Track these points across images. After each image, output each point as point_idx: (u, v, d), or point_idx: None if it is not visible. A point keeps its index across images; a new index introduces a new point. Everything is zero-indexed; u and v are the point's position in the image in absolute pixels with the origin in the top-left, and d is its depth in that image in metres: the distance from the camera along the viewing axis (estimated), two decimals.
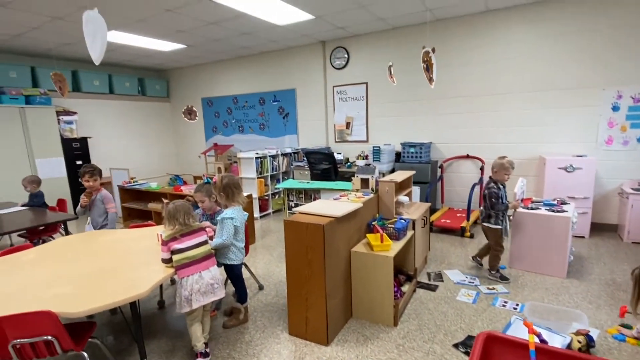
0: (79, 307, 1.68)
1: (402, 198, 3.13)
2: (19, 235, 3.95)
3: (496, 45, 4.63)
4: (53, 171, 5.80)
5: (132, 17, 4.27)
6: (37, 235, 3.90)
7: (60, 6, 3.81)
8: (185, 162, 8.41)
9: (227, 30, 5.02)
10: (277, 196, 6.10)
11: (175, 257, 2.09)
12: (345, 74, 5.85)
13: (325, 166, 4.89)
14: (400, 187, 3.23)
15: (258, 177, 5.53)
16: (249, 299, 2.71)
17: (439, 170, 5.23)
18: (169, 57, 6.71)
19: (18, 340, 1.61)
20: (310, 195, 3.86)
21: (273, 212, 5.92)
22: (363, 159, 5.60)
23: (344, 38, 5.71)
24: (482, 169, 4.85)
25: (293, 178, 6.05)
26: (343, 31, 5.33)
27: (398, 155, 5.29)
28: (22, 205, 4.20)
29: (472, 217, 4.55)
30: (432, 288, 3.07)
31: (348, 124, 5.97)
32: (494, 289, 3.02)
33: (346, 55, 5.78)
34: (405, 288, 2.84)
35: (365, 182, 3.09)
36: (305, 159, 5.86)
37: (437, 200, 5.32)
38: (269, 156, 5.80)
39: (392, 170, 5.14)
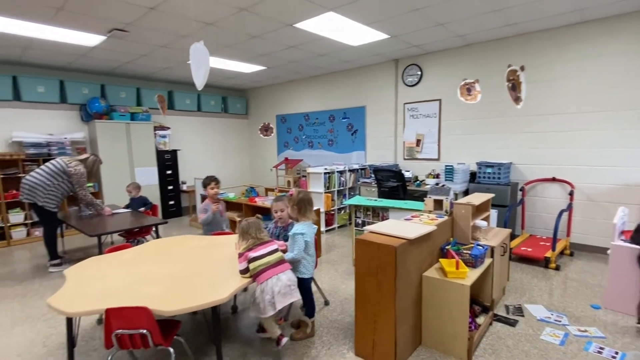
0: (169, 306, 1.87)
1: (480, 222, 2.95)
2: (119, 235, 4.51)
3: (589, 58, 4.20)
4: (148, 179, 6.56)
5: (223, 43, 4.72)
6: (133, 235, 4.42)
7: (165, 36, 4.37)
8: (258, 174, 8.90)
9: (305, 53, 5.29)
10: (342, 211, 6.14)
11: (252, 266, 2.23)
12: (417, 91, 5.76)
13: (393, 184, 4.81)
14: (477, 210, 3.05)
15: (325, 192, 5.64)
16: (315, 313, 2.75)
17: (519, 193, 4.83)
18: (249, 78, 7.25)
19: (120, 330, 1.83)
20: (378, 213, 3.83)
21: (338, 227, 5.97)
22: (433, 177, 5.40)
23: (418, 55, 5.65)
24: (571, 194, 4.37)
25: (359, 194, 6.05)
26: (417, 49, 5.28)
27: (473, 176, 5.01)
28: (124, 207, 4.81)
29: (559, 247, 4.09)
30: (511, 323, 2.81)
31: (418, 142, 5.83)
32: (586, 331, 2.66)
33: (419, 72, 5.69)
34: (481, 320, 2.65)
35: (438, 203, 2.98)
36: (372, 175, 5.85)
37: (516, 226, 4.90)
38: (337, 172, 5.89)
39: (466, 192, 4.88)
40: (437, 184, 5.23)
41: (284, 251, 2.46)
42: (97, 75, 6.40)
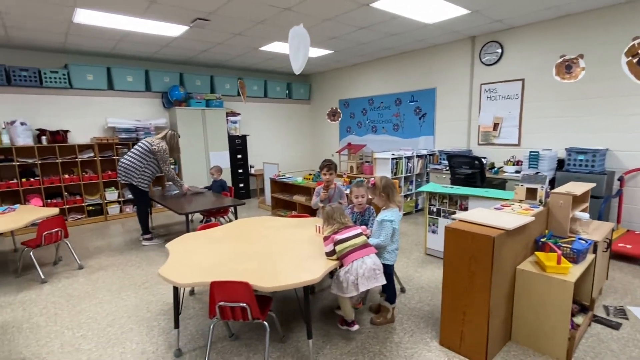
0: (266, 282, 1.97)
1: (581, 214, 2.68)
2: (200, 214, 4.85)
3: None
4: (221, 163, 6.92)
5: None
6: (212, 215, 4.73)
7: (242, 24, 4.51)
8: (320, 159, 8.94)
9: (376, 34, 5.14)
10: (408, 198, 5.99)
11: (338, 248, 2.27)
12: (496, 71, 5.33)
13: (469, 171, 4.56)
14: (575, 200, 2.77)
15: (392, 178, 5.51)
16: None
17: (617, 183, 4.31)
18: (314, 63, 7.25)
19: (222, 302, 1.97)
20: (455, 201, 3.66)
21: (404, 215, 5.84)
22: (513, 164, 5.02)
23: (498, 31, 5.20)
24: None
25: (428, 181, 5.84)
26: (499, 24, 4.86)
27: (560, 163, 4.57)
28: (206, 188, 5.18)
29: None
30: (614, 326, 2.55)
31: (496, 125, 5.43)
32: None
33: (499, 50, 5.25)
34: (579, 320, 2.43)
35: (531, 192, 2.76)
36: (442, 162, 5.60)
37: (610, 219, 4.40)
38: (404, 157, 5.73)
39: (552, 181, 4.46)
40: (517, 171, 4.86)
41: (367, 236, 2.46)
42: (176, 65, 6.83)
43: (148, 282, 3.43)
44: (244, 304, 1.95)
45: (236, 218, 4.35)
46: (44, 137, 5.33)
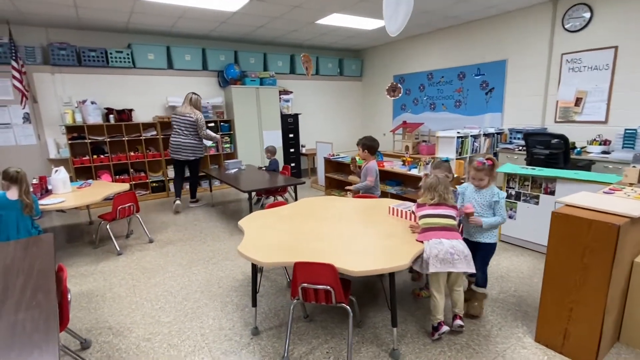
0: (351, 266, 1.84)
1: None
2: (259, 192, 4.87)
3: None
4: (274, 142, 6.90)
5: None
6: (270, 193, 4.71)
7: None
8: None
9: (444, 0, 4.71)
10: None
11: (421, 222, 2.22)
12: (582, 38, 4.70)
13: (551, 151, 4.11)
14: None
15: (457, 158, 5.16)
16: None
17: None
18: (368, 36, 6.89)
19: (306, 284, 1.88)
20: (539, 184, 3.29)
21: None
22: (599, 144, 4.46)
23: None
24: None
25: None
26: None
27: None
28: (260, 168, 5.19)
29: None
30: None
31: (578, 100, 4.85)
32: None
33: (588, 14, 4.61)
34: None
35: None
36: (512, 141, 5.14)
37: None
38: (471, 136, 5.31)
39: None
40: (604, 152, 4.32)
41: (471, 214, 2.29)
42: (231, 43, 6.79)
43: (215, 258, 3.48)
44: (329, 287, 1.85)
45: (296, 197, 4.30)
46: (111, 116, 5.57)
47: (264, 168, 5.39)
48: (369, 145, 3.57)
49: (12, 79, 4.68)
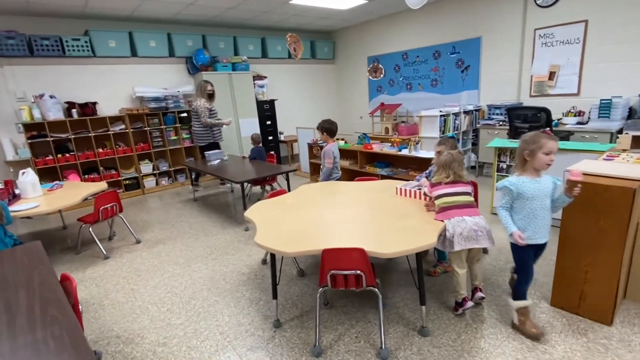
0: (379, 248, 1.80)
1: None
2: (247, 182, 4.70)
3: None
4: (251, 130, 6.67)
5: None
6: (260, 183, 4.56)
7: None
8: (347, 122, 8.66)
9: None
10: None
11: (438, 202, 2.18)
12: (553, 13, 4.87)
13: (531, 124, 4.26)
14: None
15: (440, 137, 5.25)
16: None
17: None
18: (341, 17, 6.76)
19: (335, 270, 1.82)
20: None
21: None
22: (574, 115, 4.70)
23: None
24: None
25: (477, 138, 5.57)
26: None
27: (630, 112, 4.24)
28: (244, 157, 5.01)
29: None
30: None
31: (552, 74, 5.05)
32: None
33: None
34: None
35: (637, 141, 2.50)
36: (492, 117, 5.30)
37: None
38: (452, 114, 5.41)
39: (620, 131, 4.17)
40: (579, 122, 4.56)
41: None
42: (199, 27, 6.40)
43: (213, 254, 3.32)
44: (359, 272, 1.80)
45: (288, 186, 4.19)
46: (74, 111, 5.10)
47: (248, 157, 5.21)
48: (327, 128, 3.59)
49: None
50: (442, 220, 2.08)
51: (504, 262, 2.82)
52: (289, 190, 3.40)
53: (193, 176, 5.42)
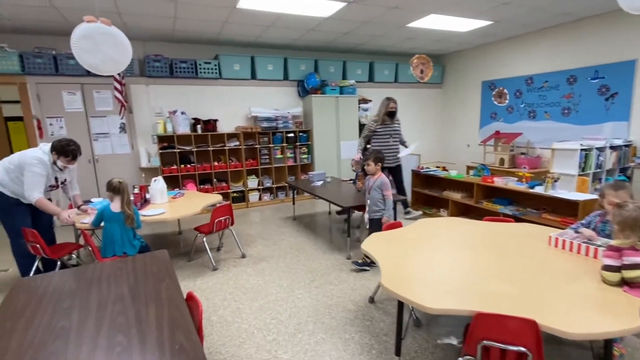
0: (561, 323, 1.37)
1: None
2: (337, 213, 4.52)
3: None
4: (351, 152, 6.57)
5: None
6: (363, 209, 4.33)
7: None
8: (450, 150, 8.04)
9: None
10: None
11: (629, 274, 1.61)
12: None
13: None
14: None
15: (580, 175, 4.41)
16: None
17: None
18: (456, 40, 6.36)
19: (490, 342, 1.44)
20: None
21: None
22: None
23: None
24: None
25: (629, 178, 4.56)
26: None
27: None
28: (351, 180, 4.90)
29: None
30: None
31: None
32: None
33: None
34: None
35: None
36: None
37: None
38: (595, 148, 4.53)
39: None
40: None
41: None
42: (312, 52, 6.64)
43: (316, 281, 3.16)
44: (525, 350, 1.40)
45: (395, 214, 3.87)
46: (198, 126, 5.61)
47: (352, 180, 5.02)
48: (382, 159, 3.44)
49: (113, 90, 4.86)
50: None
51: None
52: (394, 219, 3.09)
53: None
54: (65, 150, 2.97)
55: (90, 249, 2.97)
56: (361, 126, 6.77)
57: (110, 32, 2.88)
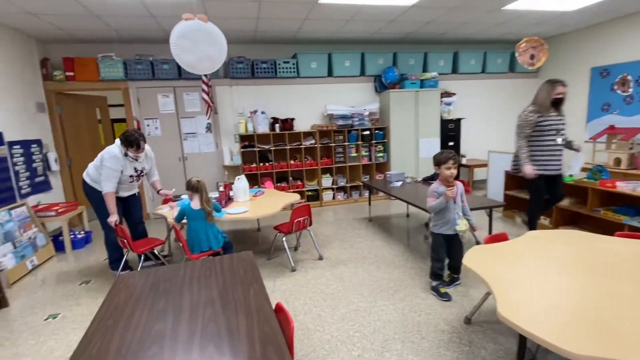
0: None
1: None
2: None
3: None
4: (430, 150, 6.10)
5: None
6: None
7: None
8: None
9: None
10: None
11: None
12: None
13: None
14: None
15: None
16: None
17: None
18: (561, 21, 5.52)
19: None
20: None
21: None
22: None
23: None
24: None
25: None
26: None
27: None
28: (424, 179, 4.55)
29: None
30: None
31: None
32: None
33: None
34: None
35: None
36: None
37: None
38: None
39: None
40: None
41: None
42: (390, 45, 6.32)
43: (400, 292, 2.91)
44: None
45: (490, 222, 3.44)
46: (277, 125, 5.69)
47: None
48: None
49: (201, 92, 5.12)
50: None
51: None
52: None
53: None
54: (129, 140, 3.15)
55: (180, 244, 3.12)
56: (443, 122, 6.28)
57: (207, 29, 2.95)
